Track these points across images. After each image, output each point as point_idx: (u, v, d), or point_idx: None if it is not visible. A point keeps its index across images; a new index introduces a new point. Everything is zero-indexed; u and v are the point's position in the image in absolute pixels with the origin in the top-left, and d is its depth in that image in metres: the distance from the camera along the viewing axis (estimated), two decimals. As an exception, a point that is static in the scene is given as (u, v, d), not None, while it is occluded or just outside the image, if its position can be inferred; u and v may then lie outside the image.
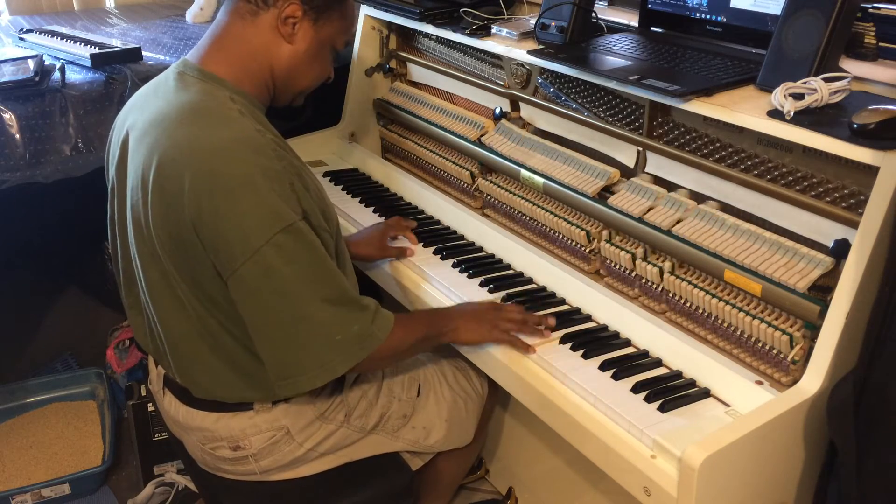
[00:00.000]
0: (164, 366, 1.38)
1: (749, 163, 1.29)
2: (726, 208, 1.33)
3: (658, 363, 1.31)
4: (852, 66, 1.27)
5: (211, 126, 1.19)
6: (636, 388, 1.23)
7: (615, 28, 1.68)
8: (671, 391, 1.22)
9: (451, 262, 1.62)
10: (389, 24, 2.10)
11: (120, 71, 1.91)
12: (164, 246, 1.21)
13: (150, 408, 1.99)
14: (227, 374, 1.28)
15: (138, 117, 1.28)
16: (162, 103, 1.26)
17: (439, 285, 1.54)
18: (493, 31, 1.75)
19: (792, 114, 1.16)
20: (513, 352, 1.35)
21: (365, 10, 2.06)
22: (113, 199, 1.36)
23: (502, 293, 1.50)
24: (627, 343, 1.36)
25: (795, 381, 1.15)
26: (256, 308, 1.17)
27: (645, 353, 1.33)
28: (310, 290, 1.17)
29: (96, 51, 1.94)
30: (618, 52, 1.53)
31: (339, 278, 1.21)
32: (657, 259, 1.41)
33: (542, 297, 1.49)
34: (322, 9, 1.30)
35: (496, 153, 1.73)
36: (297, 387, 1.21)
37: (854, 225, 1.12)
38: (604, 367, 1.29)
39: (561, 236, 1.60)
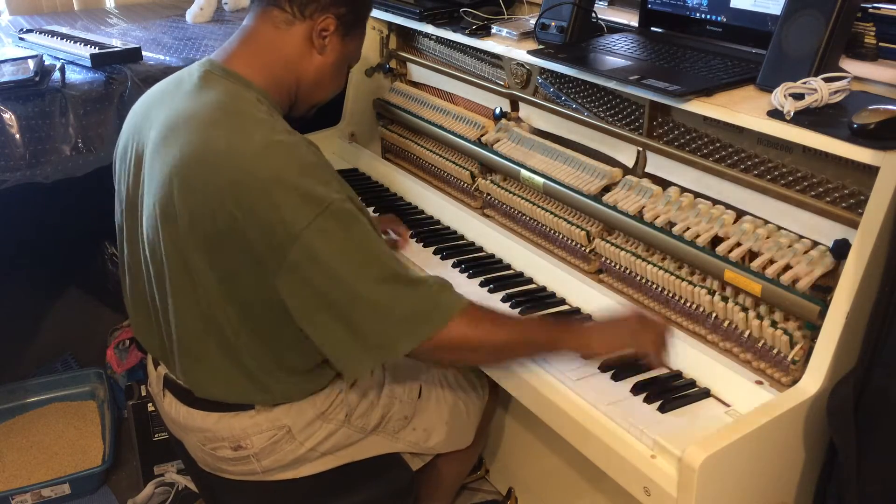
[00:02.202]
0: (167, 365, 1.38)
1: (749, 163, 1.29)
2: (726, 208, 1.33)
3: (658, 363, 1.31)
4: (852, 66, 1.27)
5: (244, 127, 1.19)
6: (636, 389, 1.23)
7: (615, 28, 1.68)
8: (671, 391, 1.22)
9: (451, 262, 1.62)
10: (389, 24, 2.10)
11: (120, 71, 1.91)
12: (199, 244, 1.20)
13: (150, 408, 1.99)
14: (232, 374, 1.28)
15: (160, 114, 1.28)
16: (189, 101, 1.25)
17: (439, 285, 1.54)
18: (493, 31, 1.75)
19: (792, 114, 1.16)
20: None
21: (365, 10, 2.06)
22: (125, 193, 1.35)
23: (502, 293, 1.50)
24: (627, 343, 1.36)
25: (795, 381, 1.15)
26: (309, 294, 1.14)
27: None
28: (360, 271, 1.13)
29: (96, 51, 1.94)
30: (618, 52, 1.53)
31: (390, 257, 1.17)
32: (657, 259, 1.41)
33: (542, 297, 1.49)
34: (352, 24, 1.33)
35: (496, 153, 1.73)
36: (362, 366, 1.18)
37: (854, 225, 1.12)
38: (604, 367, 1.29)
39: (561, 236, 1.60)
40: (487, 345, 1.21)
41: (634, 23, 1.67)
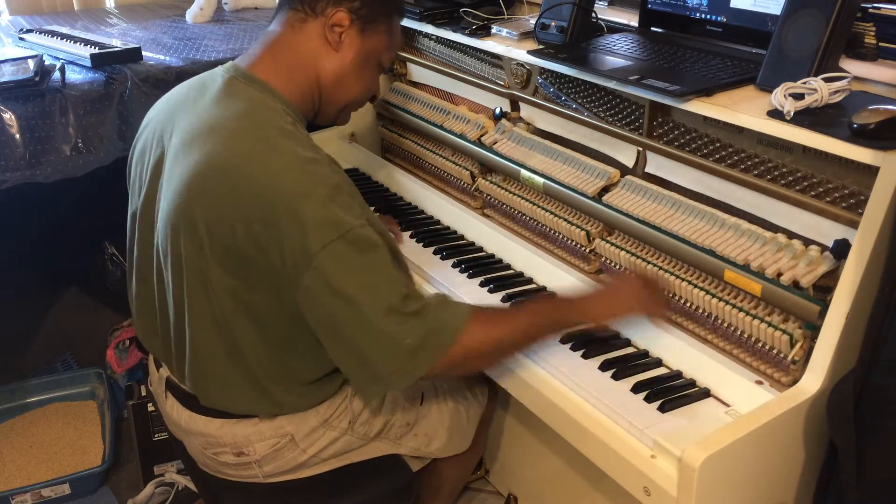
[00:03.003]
0: (171, 369, 1.37)
1: (749, 163, 1.29)
2: (726, 208, 1.33)
3: (658, 363, 1.31)
4: (852, 66, 1.27)
5: (270, 140, 1.18)
6: (636, 388, 1.23)
7: (615, 28, 1.68)
8: (671, 391, 1.22)
9: (451, 262, 1.62)
10: (389, 24, 2.10)
11: (120, 71, 1.91)
12: (217, 254, 1.18)
13: (150, 408, 1.99)
14: (241, 385, 1.27)
15: (183, 120, 1.27)
16: (213, 109, 1.24)
17: (439, 285, 1.54)
18: (493, 31, 1.75)
19: (792, 114, 1.16)
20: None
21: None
22: (139, 194, 1.34)
23: (502, 293, 1.50)
24: (627, 343, 1.36)
25: (795, 381, 1.15)
26: (322, 317, 1.15)
27: (645, 353, 1.33)
28: (372, 300, 1.13)
29: (96, 51, 1.94)
30: (618, 52, 1.53)
31: (401, 285, 1.17)
32: (657, 259, 1.41)
33: (542, 297, 1.50)
34: (368, 19, 1.32)
35: (496, 153, 1.73)
36: (381, 391, 1.18)
37: (854, 225, 1.12)
38: (604, 367, 1.29)
39: (561, 236, 1.60)
40: (497, 348, 1.22)
41: (634, 23, 1.67)
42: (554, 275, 1.53)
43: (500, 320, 1.24)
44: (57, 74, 1.85)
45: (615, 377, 1.26)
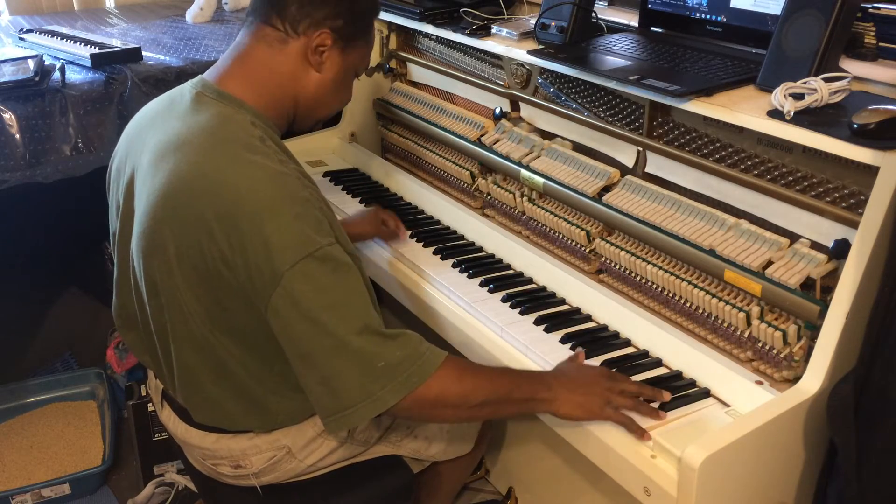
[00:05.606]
0: (164, 384, 1.36)
1: (749, 163, 1.29)
2: (726, 208, 1.33)
3: (658, 363, 1.31)
4: (852, 66, 1.27)
5: (235, 155, 1.15)
6: (636, 388, 1.23)
7: (615, 28, 1.68)
8: (671, 391, 1.22)
9: (451, 262, 1.62)
10: (389, 24, 2.10)
11: (120, 71, 1.91)
12: (187, 276, 1.16)
13: (150, 408, 1.99)
14: (232, 404, 1.25)
15: (152, 137, 1.24)
16: (179, 125, 1.21)
17: (439, 285, 1.54)
18: (493, 31, 1.75)
19: (792, 114, 1.16)
20: (510, 353, 1.35)
21: (365, 10, 2.06)
22: (116, 215, 1.32)
23: (502, 293, 1.50)
24: (627, 343, 1.36)
25: (796, 381, 1.15)
26: (291, 339, 1.11)
27: (645, 353, 1.33)
28: (343, 319, 1.09)
29: (96, 51, 1.94)
30: (618, 52, 1.53)
31: (374, 309, 1.14)
32: (657, 259, 1.41)
33: (542, 297, 1.49)
34: (350, 37, 1.28)
35: (496, 153, 1.73)
36: (345, 422, 1.11)
37: (854, 225, 1.12)
38: (604, 364, 1.28)
39: (561, 236, 1.60)
40: (467, 402, 1.16)
41: (634, 23, 1.67)
42: (554, 275, 1.53)
43: (478, 374, 1.19)
44: (57, 74, 1.85)
45: (615, 377, 1.26)
